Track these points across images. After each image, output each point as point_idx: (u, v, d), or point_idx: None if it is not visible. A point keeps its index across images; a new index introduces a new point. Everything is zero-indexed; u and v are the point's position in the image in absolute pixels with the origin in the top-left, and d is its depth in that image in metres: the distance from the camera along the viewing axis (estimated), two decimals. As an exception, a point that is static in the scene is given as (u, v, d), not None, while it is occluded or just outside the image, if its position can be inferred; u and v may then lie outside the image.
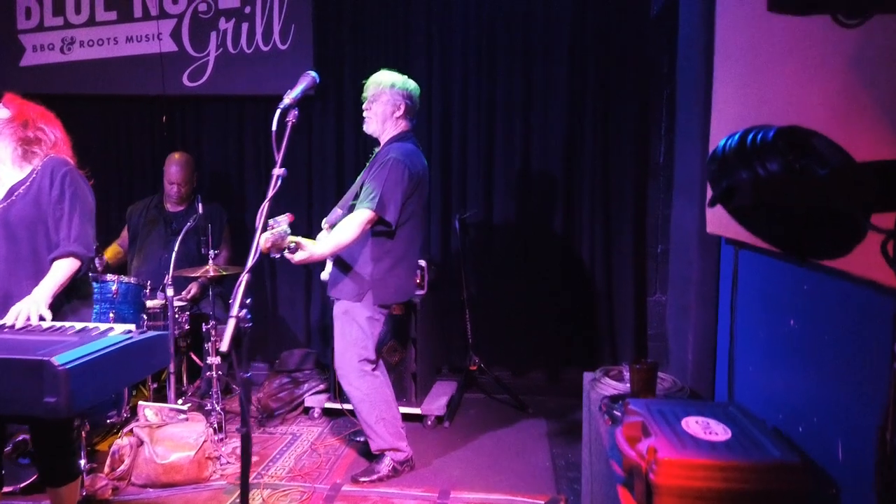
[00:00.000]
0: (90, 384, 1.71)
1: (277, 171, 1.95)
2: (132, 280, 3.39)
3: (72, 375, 1.62)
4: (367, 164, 3.12)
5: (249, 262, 1.80)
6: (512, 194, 4.31)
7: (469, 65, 4.29)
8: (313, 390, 4.01)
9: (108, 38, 4.38)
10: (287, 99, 2.04)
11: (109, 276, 3.31)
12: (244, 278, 1.77)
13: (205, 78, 4.36)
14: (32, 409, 1.61)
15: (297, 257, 2.71)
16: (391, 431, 3.12)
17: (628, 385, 2.49)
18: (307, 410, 3.95)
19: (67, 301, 2.35)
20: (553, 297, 4.27)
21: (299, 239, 2.68)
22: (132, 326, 2.05)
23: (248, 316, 1.76)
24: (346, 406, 3.75)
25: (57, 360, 1.61)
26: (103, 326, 2.04)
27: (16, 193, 2.29)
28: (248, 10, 4.30)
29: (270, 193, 1.92)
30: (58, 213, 2.30)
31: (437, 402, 3.85)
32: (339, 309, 3.08)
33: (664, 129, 4.00)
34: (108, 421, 3.37)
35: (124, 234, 4.23)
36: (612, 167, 4.21)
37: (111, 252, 4.15)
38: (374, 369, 3.10)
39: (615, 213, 4.22)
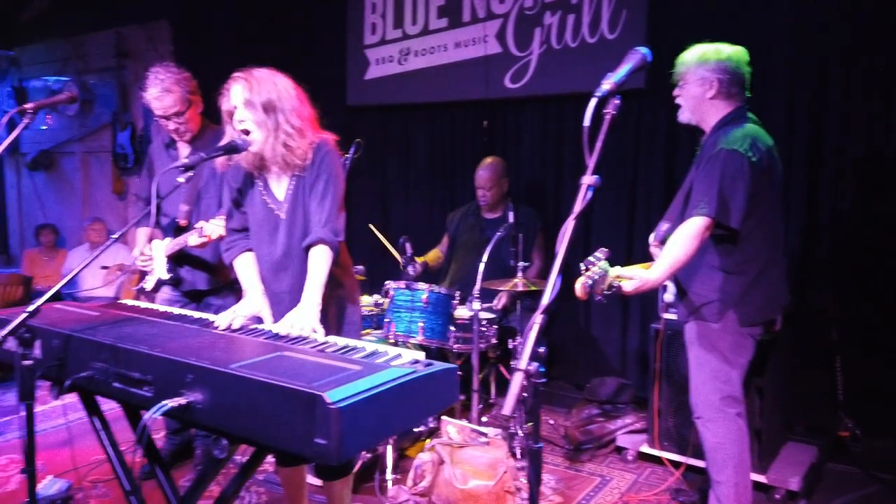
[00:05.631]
0: (365, 427, 1.47)
1: (588, 179, 1.50)
2: (442, 290, 3.29)
3: (344, 416, 1.40)
4: (694, 160, 2.50)
5: (545, 300, 1.38)
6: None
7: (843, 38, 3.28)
8: (628, 428, 3.48)
9: (439, 45, 4.45)
10: (607, 83, 1.58)
11: (421, 285, 3.25)
12: (537, 320, 1.36)
13: (527, 78, 4.14)
14: (301, 448, 1.43)
15: (629, 287, 2.20)
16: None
17: None
18: (619, 450, 3.44)
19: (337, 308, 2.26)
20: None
21: (624, 272, 2.18)
22: (420, 355, 1.81)
23: (542, 370, 1.35)
24: (667, 455, 3.17)
25: (329, 396, 1.40)
26: (392, 351, 1.84)
27: (290, 193, 2.23)
28: (575, 0, 3.95)
29: (578, 208, 1.48)
30: (313, 196, 2.19)
31: (790, 470, 2.99)
32: (691, 333, 2.51)
33: None
34: (416, 430, 3.33)
35: (445, 240, 4.26)
36: None
37: (432, 256, 4.20)
38: (738, 414, 2.45)
39: None
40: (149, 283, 3.10)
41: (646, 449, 3.31)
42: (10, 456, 3.43)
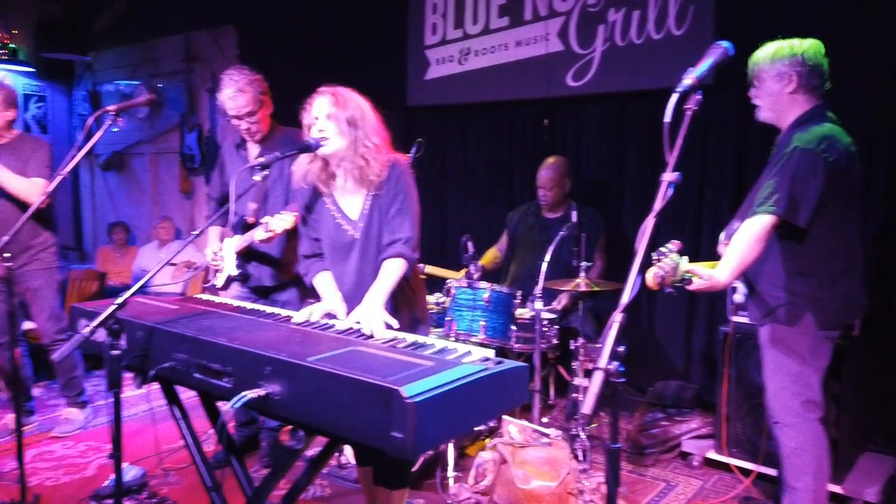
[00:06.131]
0: (440, 422, 1.49)
1: (668, 175, 1.48)
2: (504, 289, 3.29)
3: (420, 410, 1.41)
4: (769, 159, 2.43)
5: (625, 299, 1.37)
6: None
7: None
8: (693, 433, 3.40)
9: (500, 44, 4.44)
10: (688, 78, 1.55)
11: (482, 284, 3.26)
12: (617, 319, 1.35)
13: (589, 76, 4.09)
14: (378, 441, 1.45)
15: (696, 285, 2.17)
16: None
17: None
18: (684, 456, 3.36)
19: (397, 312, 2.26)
20: None
21: (695, 267, 2.14)
22: (490, 353, 1.81)
23: (622, 369, 1.33)
24: (736, 462, 3.08)
25: (405, 390, 1.42)
26: (461, 349, 1.85)
27: (366, 210, 2.25)
28: (641, -5, 3.89)
29: (658, 206, 1.46)
30: (389, 214, 2.22)
31: (867, 481, 2.87)
32: (765, 336, 2.44)
33: None
34: (476, 428, 3.33)
35: (503, 239, 4.25)
36: None
37: (488, 256, 4.19)
38: (819, 419, 2.38)
39: None
40: (219, 280, 3.20)
41: (712, 455, 3.22)
42: (88, 443, 3.60)
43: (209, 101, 6.32)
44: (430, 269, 4.00)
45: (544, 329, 3.42)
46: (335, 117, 2.16)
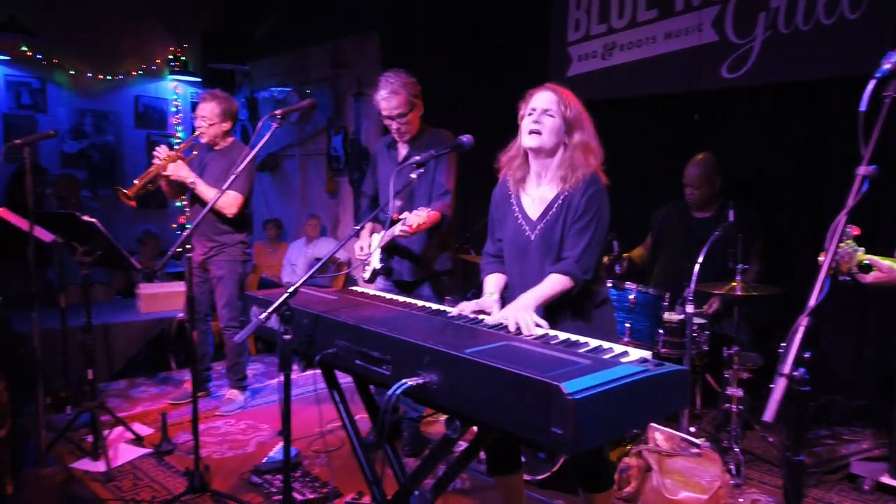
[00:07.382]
0: (600, 420, 1.46)
1: (864, 169, 1.35)
2: (651, 290, 3.16)
3: (581, 407, 1.39)
4: None
5: (813, 300, 1.27)
6: None
7: None
8: (864, 454, 3.09)
9: (647, 38, 4.28)
10: (888, 63, 1.41)
11: (628, 285, 3.15)
12: (803, 323, 1.25)
13: (747, 66, 3.83)
14: (536, 435, 1.44)
15: (874, 276, 2.01)
16: None
17: None
18: (853, 478, 3.07)
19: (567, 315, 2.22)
20: None
21: (874, 258, 1.96)
22: (647, 354, 1.74)
23: (807, 377, 1.24)
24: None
25: (566, 387, 1.40)
26: (618, 349, 1.80)
27: (550, 213, 2.21)
28: (807, -21, 3.59)
29: (851, 202, 1.35)
30: (573, 230, 2.16)
31: None
32: None
33: None
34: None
35: (648, 239, 4.10)
36: None
37: (636, 253, 4.06)
38: None
39: None
40: (366, 273, 3.34)
41: (887, 480, 2.91)
42: (248, 421, 3.90)
43: (354, 105, 6.62)
44: None
45: (694, 334, 3.26)
46: (554, 114, 2.16)
